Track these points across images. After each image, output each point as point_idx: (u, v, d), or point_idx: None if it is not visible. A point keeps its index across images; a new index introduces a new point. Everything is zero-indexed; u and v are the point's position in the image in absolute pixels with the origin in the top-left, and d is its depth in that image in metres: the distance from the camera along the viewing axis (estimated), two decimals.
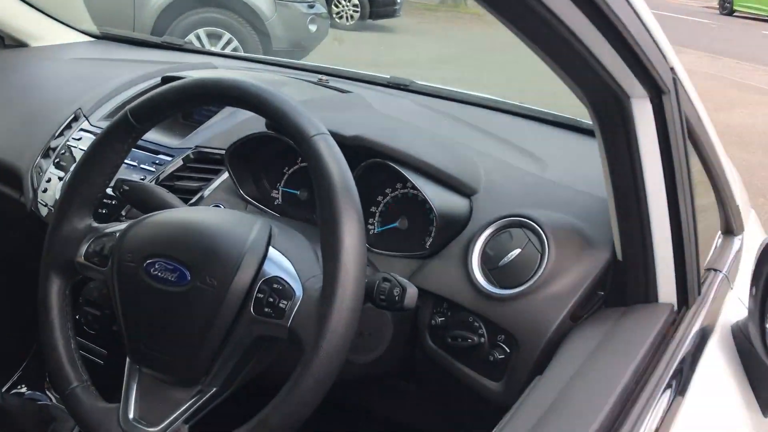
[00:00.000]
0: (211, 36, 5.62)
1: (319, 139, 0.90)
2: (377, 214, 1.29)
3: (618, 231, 1.03)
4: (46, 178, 1.54)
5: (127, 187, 1.20)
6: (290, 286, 0.91)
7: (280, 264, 0.94)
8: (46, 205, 1.52)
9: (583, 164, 1.36)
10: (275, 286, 0.91)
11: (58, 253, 1.07)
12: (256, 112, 0.96)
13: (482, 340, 1.09)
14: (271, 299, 0.90)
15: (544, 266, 1.06)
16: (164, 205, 1.18)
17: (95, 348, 1.52)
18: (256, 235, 0.96)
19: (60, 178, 1.52)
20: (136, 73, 1.76)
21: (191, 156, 1.44)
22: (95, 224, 1.09)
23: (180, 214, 1.04)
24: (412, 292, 0.95)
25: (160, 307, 0.95)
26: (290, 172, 1.39)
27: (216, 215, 1.03)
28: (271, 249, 0.95)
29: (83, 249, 1.06)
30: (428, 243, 1.23)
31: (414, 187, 1.25)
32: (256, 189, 1.41)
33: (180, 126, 1.52)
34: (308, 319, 0.88)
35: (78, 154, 1.53)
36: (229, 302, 0.91)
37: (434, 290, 1.15)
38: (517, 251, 1.09)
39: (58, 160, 1.56)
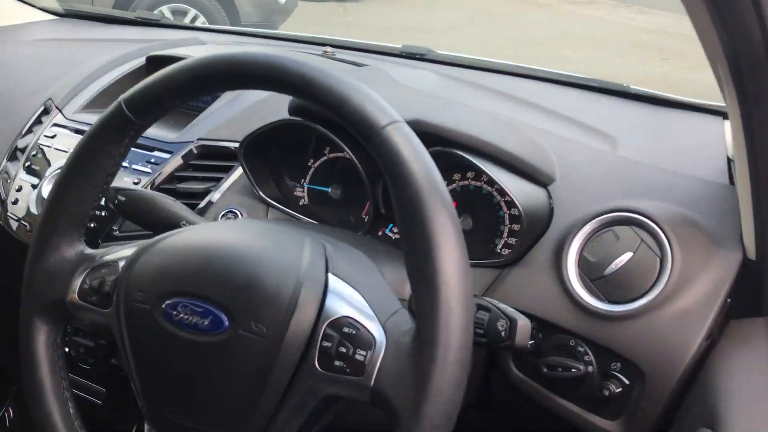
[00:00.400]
0: (175, 13, 5.28)
1: (394, 130, 0.67)
2: None
3: (754, 225, 0.82)
4: (15, 186, 1.28)
5: (122, 198, 0.95)
6: (366, 329, 0.68)
7: (347, 298, 0.70)
8: (18, 220, 1.26)
9: (659, 139, 1.14)
10: (346, 330, 0.68)
11: (42, 291, 0.82)
12: (302, 97, 0.71)
13: (590, 369, 0.87)
14: (343, 349, 0.67)
15: (668, 273, 0.84)
16: (171, 219, 0.94)
17: (92, 386, 1.28)
18: (311, 259, 0.72)
19: (34, 186, 1.26)
20: (112, 54, 1.49)
21: (194, 151, 1.19)
22: (88, 250, 0.84)
23: (202, 234, 0.79)
24: (524, 325, 0.73)
25: (189, 362, 0.72)
26: (317, 165, 1.15)
27: (251, 233, 0.79)
28: (331, 277, 0.71)
29: (76, 284, 0.81)
30: (500, 247, 1.01)
31: (481, 179, 1.02)
32: (277, 188, 1.16)
33: (175, 115, 1.26)
34: (400, 377, 0.65)
35: (53, 156, 1.27)
36: (285, 355, 0.68)
37: (521, 308, 0.92)
38: (628, 255, 0.86)
39: (28, 163, 1.29)
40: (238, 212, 1.11)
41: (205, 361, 0.71)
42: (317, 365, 0.68)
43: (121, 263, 0.79)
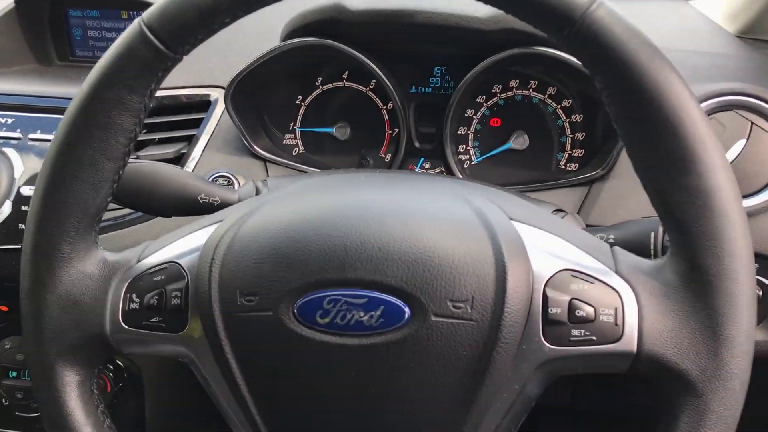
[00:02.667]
0: None
1: (602, 11, 0.48)
2: (473, 132, 0.89)
3: None
4: None
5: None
6: (601, 280, 0.50)
7: (554, 247, 0.52)
8: None
9: None
10: (574, 286, 0.50)
11: (63, 330, 0.54)
12: None
13: None
14: (580, 312, 0.49)
15: None
16: (184, 195, 0.68)
17: None
18: (486, 207, 0.53)
19: None
20: None
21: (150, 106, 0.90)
22: (112, 255, 0.57)
23: (318, 198, 0.56)
24: None
25: (357, 375, 0.50)
26: (307, 103, 0.92)
27: (383, 187, 0.56)
28: (518, 225, 0.52)
29: (117, 307, 0.55)
30: (564, 161, 0.87)
31: (529, 86, 0.86)
32: (269, 139, 0.92)
33: None
34: (676, 338, 0.48)
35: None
36: (505, 335, 0.49)
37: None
38: (741, 143, 0.77)
39: None
40: (230, 176, 0.86)
41: (385, 368, 0.49)
42: (545, 340, 0.50)
43: (184, 262, 0.54)
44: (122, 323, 0.54)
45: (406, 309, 0.49)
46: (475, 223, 0.51)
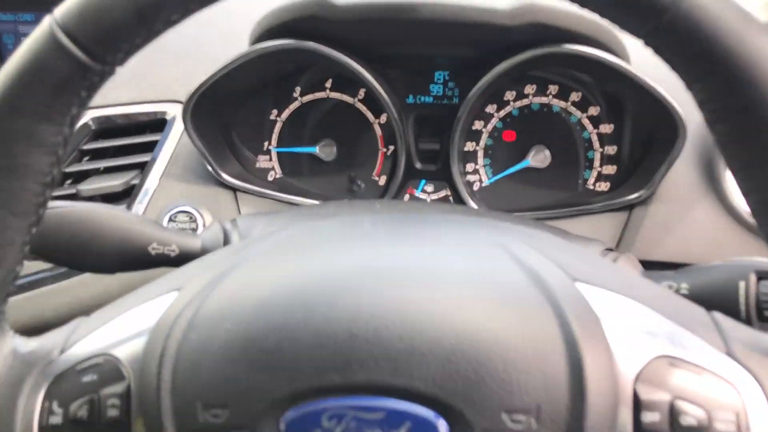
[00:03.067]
0: None
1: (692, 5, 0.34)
2: (482, 149, 0.75)
3: None
4: None
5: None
6: (711, 371, 0.35)
7: (639, 320, 0.37)
8: None
9: None
10: (677, 381, 0.35)
11: None
12: None
13: None
14: (689, 419, 0.35)
15: None
16: (130, 246, 0.53)
17: None
18: (541, 266, 0.38)
19: None
20: None
21: (90, 127, 0.74)
22: (27, 344, 0.42)
23: (315, 259, 0.39)
24: None
25: None
26: (285, 118, 0.77)
27: (400, 242, 0.41)
28: (585, 288, 0.38)
29: (30, 422, 0.39)
30: (593, 181, 0.73)
31: (547, 92, 0.72)
32: (239, 163, 0.77)
33: None
34: None
35: None
36: None
37: (673, 256, 0.66)
38: None
39: None
40: (193, 211, 0.70)
41: None
42: None
43: (124, 355, 0.39)
44: None
45: (443, 424, 0.34)
46: (531, 291, 0.37)
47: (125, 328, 0.40)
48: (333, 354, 0.34)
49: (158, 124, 0.74)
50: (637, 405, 0.35)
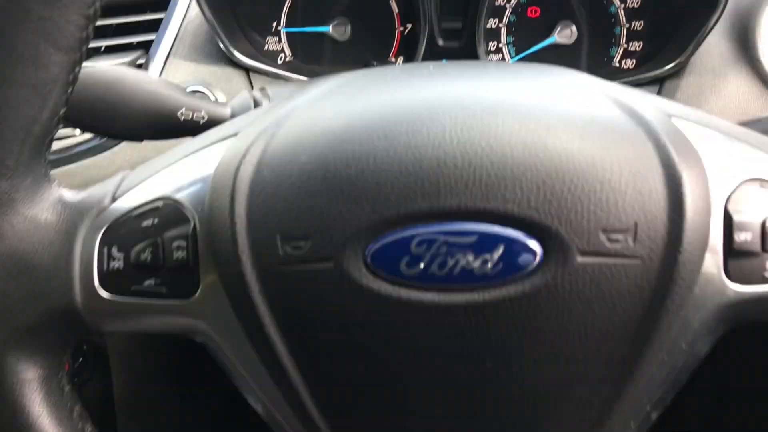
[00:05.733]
0: None
1: None
2: (506, 26, 0.72)
3: None
4: None
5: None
6: None
7: (739, 156, 0.35)
8: None
9: None
10: (761, 199, 0.35)
11: (11, 306, 0.36)
12: None
13: None
14: None
15: None
16: (160, 111, 0.50)
17: None
18: (632, 100, 0.36)
19: None
20: None
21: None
22: (74, 195, 0.39)
23: (389, 92, 0.36)
24: None
25: (470, 347, 0.33)
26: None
27: (480, 77, 0.38)
28: (683, 125, 0.36)
29: (89, 268, 0.37)
30: (618, 58, 0.71)
31: None
32: (248, 42, 0.73)
33: None
34: None
35: None
36: (681, 275, 0.33)
37: None
38: None
39: None
40: (205, 91, 0.66)
41: (506, 336, 0.33)
42: (728, 279, 0.34)
43: (186, 198, 0.36)
44: (100, 290, 0.36)
45: (538, 247, 0.32)
46: (624, 120, 0.35)
47: (181, 173, 0.37)
48: (420, 181, 0.32)
49: (159, 3, 0.69)
50: (729, 225, 0.34)
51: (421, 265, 0.32)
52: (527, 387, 0.34)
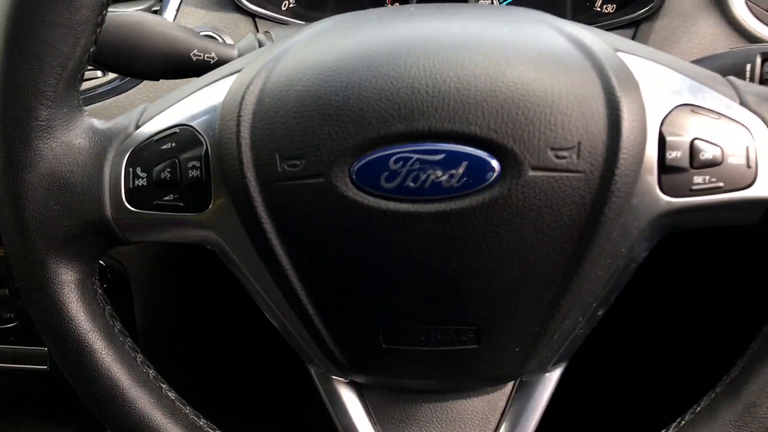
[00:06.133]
0: None
1: None
2: None
3: None
4: None
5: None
6: (728, 116, 0.40)
7: (664, 79, 0.41)
8: None
9: None
10: (695, 124, 0.40)
11: (52, 216, 0.43)
12: None
13: None
14: (706, 154, 0.40)
15: None
16: (175, 53, 0.55)
17: (29, 350, 0.87)
18: (582, 36, 0.42)
19: None
20: None
21: None
22: (102, 122, 0.45)
23: (372, 30, 0.43)
24: None
25: (435, 251, 0.40)
26: None
27: (450, 17, 0.43)
28: (626, 57, 0.41)
29: (118, 185, 0.43)
30: (599, 3, 0.75)
31: None
32: None
33: None
34: None
35: None
36: (619, 188, 0.39)
37: None
38: None
39: None
40: (215, 35, 0.72)
41: (470, 239, 0.39)
42: (661, 191, 0.40)
43: (199, 124, 0.42)
44: (127, 204, 0.43)
45: (496, 163, 0.38)
46: (574, 54, 0.40)
47: (195, 104, 0.44)
48: (397, 106, 0.38)
49: None
50: (662, 145, 0.39)
51: (398, 180, 0.38)
52: (487, 283, 0.41)
